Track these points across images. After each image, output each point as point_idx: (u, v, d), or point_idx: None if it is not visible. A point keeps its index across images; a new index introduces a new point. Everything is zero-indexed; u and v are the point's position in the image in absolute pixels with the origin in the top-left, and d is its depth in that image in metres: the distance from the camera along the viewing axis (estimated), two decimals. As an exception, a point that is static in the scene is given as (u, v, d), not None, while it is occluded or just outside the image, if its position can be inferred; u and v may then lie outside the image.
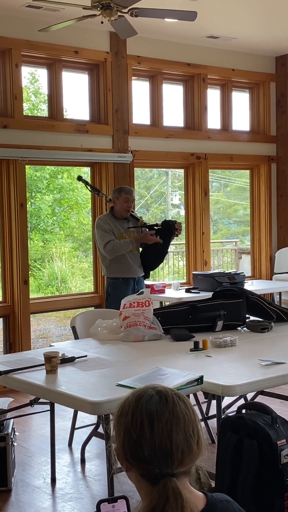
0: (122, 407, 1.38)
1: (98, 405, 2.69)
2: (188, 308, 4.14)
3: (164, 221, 5.37)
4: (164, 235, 5.32)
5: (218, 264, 11.80)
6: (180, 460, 1.31)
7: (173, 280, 9.44)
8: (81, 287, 12.85)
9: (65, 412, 4.82)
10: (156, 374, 2.94)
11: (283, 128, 7.82)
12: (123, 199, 5.27)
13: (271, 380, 3.04)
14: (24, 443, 4.45)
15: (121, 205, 5.29)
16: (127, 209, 5.29)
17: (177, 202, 16.91)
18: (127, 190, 5.33)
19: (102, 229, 5.22)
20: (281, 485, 2.51)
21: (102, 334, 4.00)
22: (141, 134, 6.74)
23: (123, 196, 5.26)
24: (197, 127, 7.24)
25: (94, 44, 6.33)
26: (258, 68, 7.65)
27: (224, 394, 2.94)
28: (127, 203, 5.27)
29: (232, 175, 16.72)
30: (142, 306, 4.02)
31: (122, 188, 5.38)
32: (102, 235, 5.18)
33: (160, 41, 6.78)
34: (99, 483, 3.79)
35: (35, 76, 12.49)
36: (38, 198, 13.62)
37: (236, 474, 2.55)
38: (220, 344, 3.64)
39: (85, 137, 6.32)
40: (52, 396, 3.05)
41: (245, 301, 4.22)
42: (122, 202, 5.27)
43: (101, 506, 1.31)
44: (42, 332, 9.93)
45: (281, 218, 7.91)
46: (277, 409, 3.25)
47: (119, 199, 5.28)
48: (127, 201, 5.27)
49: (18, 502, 3.55)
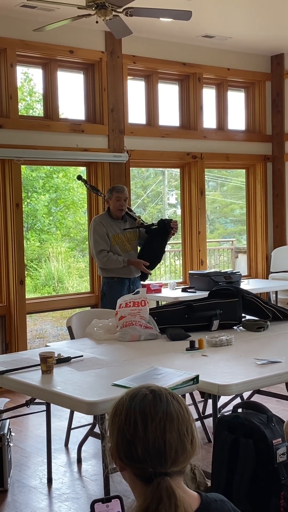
0: (116, 407, 1.38)
1: (94, 405, 2.69)
2: (184, 308, 4.14)
3: (160, 220, 5.37)
4: (160, 234, 5.32)
5: (214, 264, 11.81)
6: (173, 459, 1.31)
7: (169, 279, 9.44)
8: (78, 287, 12.84)
9: (61, 412, 4.81)
10: (152, 374, 2.94)
11: (278, 127, 7.82)
12: (115, 198, 5.27)
13: (267, 379, 3.05)
14: (20, 444, 4.44)
15: (113, 204, 5.29)
16: (119, 208, 5.28)
17: (174, 201, 16.91)
18: (118, 189, 5.33)
19: (97, 233, 5.22)
20: (277, 484, 2.51)
21: (98, 334, 4.00)
22: (137, 133, 6.74)
23: (114, 195, 5.27)
24: (192, 127, 7.24)
25: (89, 44, 6.33)
26: (253, 68, 7.66)
27: (220, 393, 2.94)
28: (119, 201, 5.27)
29: (229, 174, 16.73)
30: (138, 305, 4.02)
31: (113, 188, 5.40)
32: (97, 242, 5.19)
33: (156, 41, 6.78)
34: (96, 483, 3.78)
35: (28, 76, 12.49)
36: (34, 198, 13.60)
37: (232, 473, 2.55)
38: (216, 344, 3.65)
39: (80, 137, 6.31)
40: (48, 396, 3.05)
41: (241, 300, 4.23)
42: (115, 201, 5.28)
43: (95, 506, 1.30)
44: (39, 332, 9.92)
45: (277, 217, 7.91)
46: (273, 408, 3.26)
47: (112, 198, 5.29)
48: (119, 199, 5.27)
49: (15, 502, 3.55)
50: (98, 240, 5.20)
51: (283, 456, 2.55)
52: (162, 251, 5.47)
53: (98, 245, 5.19)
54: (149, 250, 5.37)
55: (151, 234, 5.36)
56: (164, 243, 5.41)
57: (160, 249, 5.42)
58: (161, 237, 5.35)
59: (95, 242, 5.21)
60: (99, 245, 5.19)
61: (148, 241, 5.37)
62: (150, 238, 5.37)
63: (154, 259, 5.46)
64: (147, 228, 5.37)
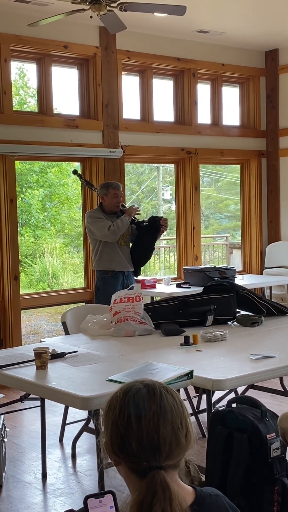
0: (110, 401, 1.39)
1: (88, 400, 2.69)
2: (179, 303, 4.14)
3: (151, 217, 5.43)
4: (150, 232, 5.36)
5: (209, 259, 11.82)
6: (168, 453, 1.31)
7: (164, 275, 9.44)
8: (73, 282, 12.84)
9: (56, 407, 4.82)
10: (147, 369, 2.94)
11: (273, 123, 7.82)
12: (112, 195, 5.29)
13: (261, 374, 3.05)
14: (14, 439, 4.44)
15: (110, 201, 5.31)
16: (117, 205, 5.34)
17: (169, 197, 16.91)
18: (115, 186, 5.35)
19: (97, 217, 5.26)
20: (271, 479, 2.52)
21: (92, 330, 4.00)
22: (131, 129, 6.73)
23: (111, 192, 5.29)
24: (187, 122, 7.24)
25: (83, 39, 6.31)
26: (248, 63, 7.65)
27: (214, 388, 2.94)
28: (116, 198, 5.31)
29: (224, 170, 16.73)
30: (132, 301, 4.02)
31: (109, 184, 5.41)
32: (99, 222, 5.22)
33: (150, 36, 6.77)
34: (90, 478, 3.79)
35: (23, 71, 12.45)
36: (29, 193, 13.58)
37: (226, 467, 2.56)
38: (211, 339, 3.65)
39: (75, 132, 6.30)
40: (43, 391, 3.05)
41: (236, 295, 4.23)
42: (111, 198, 5.30)
43: (88, 501, 1.30)
44: (33, 328, 9.92)
45: (271, 213, 7.92)
46: (267, 403, 3.27)
47: (108, 195, 5.30)
48: (116, 196, 5.31)
49: (9, 497, 3.55)
50: (100, 221, 5.23)
51: (277, 451, 2.56)
52: (152, 248, 5.52)
53: (103, 223, 5.20)
54: (140, 247, 5.42)
55: (142, 231, 5.40)
56: (154, 240, 5.45)
57: (150, 246, 5.47)
58: (151, 234, 5.39)
59: (98, 223, 5.22)
60: (103, 223, 5.20)
61: (138, 238, 5.43)
62: (141, 235, 5.41)
63: (144, 256, 5.51)
64: (138, 224, 5.41)
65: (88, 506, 1.29)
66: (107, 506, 1.29)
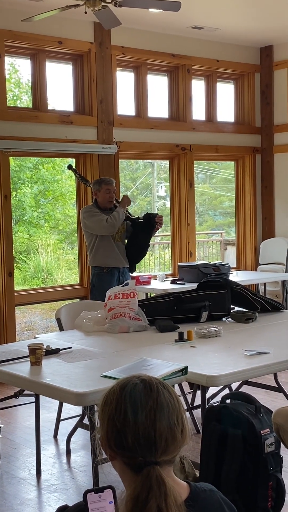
0: (107, 396, 1.39)
1: (82, 396, 2.69)
2: (173, 299, 4.15)
3: (146, 214, 5.45)
4: (145, 228, 5.37)
5: (203, 256, 11.83)
6: (163, 448, 1.31)
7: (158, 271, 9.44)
8: (67, 279, 12.83)
9: (50, 403, 4.82)
10: (141, 365, 2.95)
11: (267, 119, 7.83)
12: (104, 190, 5.32)
13: (255, 370, 3.06)
14: (9, 435, 4.44)
15: (103, 197, 5.33)
16: (109, 200, 5.36)
17: (163, 193, 16.90)
18: (107, 181, 5.37)
19: (93, 212, 5.26)
20: (265, 474, 2.53)
21: (87, 326, 4.00)
22: (126, 125, 6.72)
23: (104, 188, 5.31)
24: (182, 118, 7.23)
25: (78, 35, 6.29)
26: (242, 59, 7.65)
27: (208, 384, 2.95)
28: (109, 194, 5.33)
29: (218, 167, 16.73)
30: (127, 297, 4.02)
31: (102, 180, 5.43)
32: (96, 216, 5.23)
33: (145, 32, 6.75)
34: (85, 474, 3.79)
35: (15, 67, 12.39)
36: (22, 190, 13.54)
37: (221, 463, 2.57)
38: (205, 335, 3.66)
39: (69, 128, 6.29)
40: (37, 387, 3.04)
41: (230, 292, 4.24)
42: (104, 194, 5.32)
43: (88, 496, 1.30)
44: (28, 324, 9.91)
45: (265, 209, 7.93)
46: (261, 399, 3.27)
47: (101, 191, 5.33)
48: (109, 192, 5.33)
49: (3, 493, 3.55)
50: (96, 215, 5.23)
51: (271, 447, 2.57)
52: (147, 245, 5.53)
53: (101, 217, 5.21)
54: (134, 244, 5.43)
55: (137, 227, 5.42)
56: (149, 237, 5.46)
57: (145, 243, 5.48)
58: (146, 231, 5.39)
59: (95, 217, 5.23)
60: (101, 216, 5.21)
61: (133, 235, 5.44)
62: (136, 232, 5.42)
63: (139, 253, 5.52)
64: (133, 221, 5.43)
65: (88, 500, 1.29)
66: (106, 501, 1.29)
